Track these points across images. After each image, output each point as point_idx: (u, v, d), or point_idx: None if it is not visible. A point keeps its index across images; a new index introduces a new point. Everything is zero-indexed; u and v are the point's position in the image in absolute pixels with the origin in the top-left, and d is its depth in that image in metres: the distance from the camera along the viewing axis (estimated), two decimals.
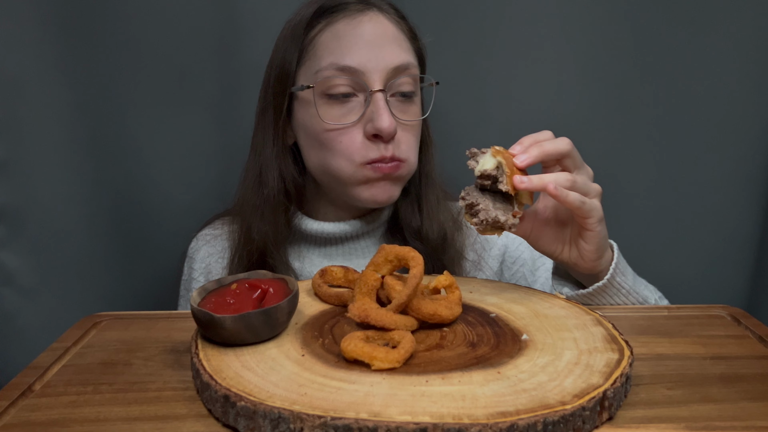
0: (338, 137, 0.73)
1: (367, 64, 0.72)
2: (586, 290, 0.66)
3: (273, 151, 0.78)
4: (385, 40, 0.73)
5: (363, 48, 0.72)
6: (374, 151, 0.73)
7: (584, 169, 0.63)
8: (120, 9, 0.90)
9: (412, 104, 0.77)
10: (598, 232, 0.63)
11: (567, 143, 0.61)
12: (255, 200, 0.78)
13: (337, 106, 0.73)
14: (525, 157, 0.59)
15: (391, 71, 0.73)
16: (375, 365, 0.45)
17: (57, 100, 0.89)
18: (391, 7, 0.77)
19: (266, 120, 0.78)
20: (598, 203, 0.62)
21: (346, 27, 0.73)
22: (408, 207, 0.81)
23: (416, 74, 0.76)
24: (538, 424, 0.38)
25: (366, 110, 0.73)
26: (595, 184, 0.63)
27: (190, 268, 0.86)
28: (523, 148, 0.60)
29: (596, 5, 0.93)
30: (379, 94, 0.72)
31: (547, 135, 0.62)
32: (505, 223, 0.57)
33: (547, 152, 0.60)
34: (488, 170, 0.57)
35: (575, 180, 0.60)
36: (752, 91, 0.95)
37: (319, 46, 0.74)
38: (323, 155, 0.75)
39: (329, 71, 0.72)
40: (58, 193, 0.91)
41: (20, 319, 0.91)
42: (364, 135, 0.73)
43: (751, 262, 1.02)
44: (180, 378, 0.49)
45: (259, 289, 0.52)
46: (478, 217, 0.57)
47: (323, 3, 0.75)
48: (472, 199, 0.58)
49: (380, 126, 0.71)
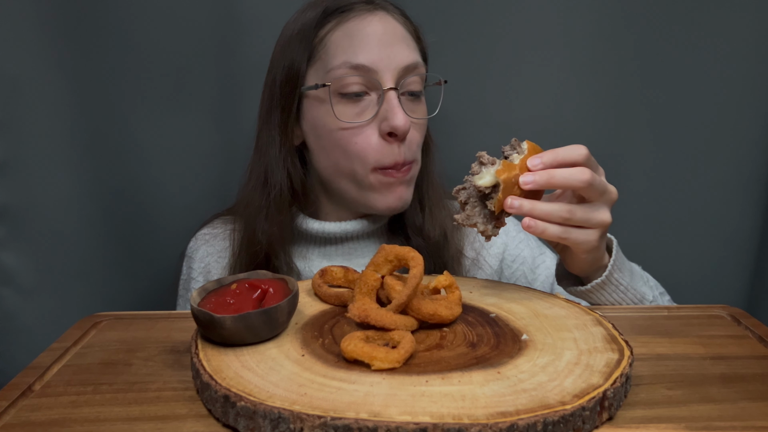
0: (352, 137, 0.73)
1: (380, 63, 0.72)
2: (585, 287, 0.67)
3: (280, 152, 0.77)
4: (395, 39, 0.74)
5: (375, 47, 0.72)
6: (388, 156, 0.73)
7: (605, 196, 0.60)
8: (120, 9, 0.90)
9: (420, 103, 0.77)
10: (584, 259, 0.63)
11: (583, 180, 0.57)
12: (260, 201, 0.78)
13: (350, 105, 0.73)
14: (531, 181, 0.57)
15: (402, 70, 0.73)
16: (375, 365, 0.45)
17: (57, 100, 0.89)
18: (396, 8, 0.77)
19: (272, 121, 0.78)
20: (592, 236, 0.60)
21: (357, 26, 0.73)
22: (411, 205, 0.81)
23: (424, 73, 0.76)
24: (538, 424, 0.38)
25: (380, 109, 0.73)
26: (601, 216, 0.60)
27: (189, 267, 0.86)
28: (536, 167, 0.57)
29: (598, 6, 0.93)
30: (392, 92, 0.72)
31: (574, 156, 0.58)
32: (484, 233, 0.58)
33: (554, 184, 0.57)
34: (482, 187, 0.57)
35: (572, 216, 0.58)
36: (752, 91, 0.95)
37: (330, 44, 0.73)
38: (335, 156, 0.75)
39: (342, 69, 0.72)
40: (58, 193, 0.91)
41: (20, 319, 0.91)
42: (379, 135, 0.73)
43: (751, 262, 1.02)
44: (180, 378, 0.49)
45: (259, 289, 0.52)
46: (461, 216, 0.59)
47: (330, 3, 0.75)
48: (463, 198, 0.58)
49: (396, 124, 0.71)
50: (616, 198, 0.61)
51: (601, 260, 0.65)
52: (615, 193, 0.61)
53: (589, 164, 0.59)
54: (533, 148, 0.59)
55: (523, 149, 0.59)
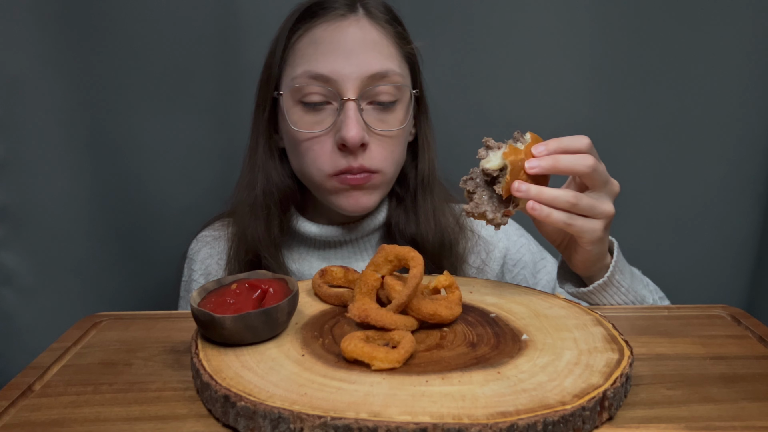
0: (310, 146, 0.73)
1: (341, 72, 0.70)
2: (587, 288, 0.67)
3: (264, 154, 0.78)
4: (364, 46, 0.72)
5: (339, 55, 0.71)
6: (342, 161, 0.72)
7: (608, 186, 0.61)
8: (120, 9, 0.90)
9: (392, 113, 0.74)
10: (589, 251, 0.62)
11: (587, 165, 0.58)
12: (248, 201, 0.78)
13: (310, 114, 0.73)
14: (536, 166, 0.57)
15: (366, 79, 0.71)
16: (375, 365, 0.45)
17: (57, 100, 0.90)
18: (382, 10, 0.75)
19: (258, 123, 0.79)
20: (597, 225, 0.60)
21: (323, 33, 0.72)
22: (401, 214, 0.80)
23: (398, 81, 0.73)
24: (538, 424, 0.38)
25: (337, 119, 0.72)
26: (606, 206, 0.60)
27: (190, 269, 0.86)
28: (541, 153, 0.58)
29: (598, 6, 0.93)
30: (350, 103, 0.70)
31: (577, 144, 0.59)
32: (493, 221, 0.59)
33: (559, 168, 0.58)
34: (490, 169, 0.58)
35: (578, 202, 0.58)
36: (752, 91, 0.95)
37: (297, 51, 0.73)
38: (300, 161, 0.75)
39: (303, 79, 0.71)
40: (58, 193, 0.91)
41: (20, 319, 0.91)
42: (333, 144, 0.72)
43: (751, 262, 1.02)
44: (180, 378, 0.49)
45: (259, 289, 0.52)
46: (469, 206, 0.59)
47: (307, 6, 0.74)
48: (470, 187, 0.59)
49: (345, 136, 0.70)
50: (618, 191, 0.62)
51: (603, 258, 0.65)
52: (617, 186, 0.62)
53: (592, 153, 0.60)
54: (535, 138, 0.60)
55: (526, 139, 0.60)
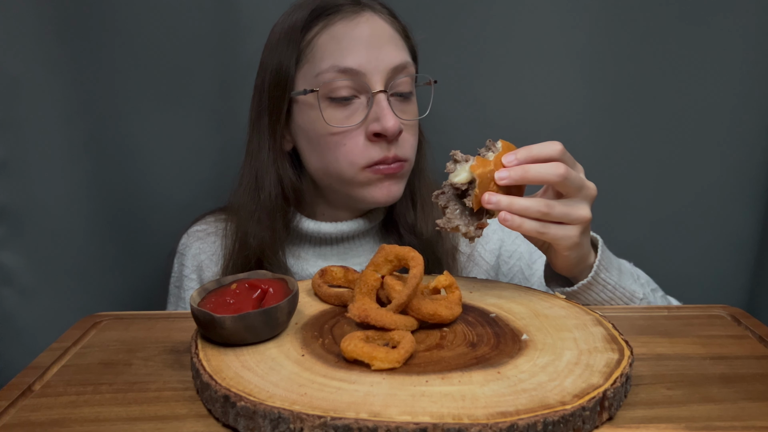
0: (341, 140, 0.73)
1: (368, 65, 0.72)
2: (572, 288, 0.66)
3: (270, 156, 0.78)
4: (382, 40, 0.73)
5: (362, 49, 0.72)
6: (377, 152, 0.73)
7: (583, 191, 0.60)
8: (120, 9, 0.90)
9: (411, 103, 0.77)
10: (567, 257, 0.62)
11: (557, 173, 0.57)
12: (251, 205, 0.78)
13: (340, 109, 0.73)
14: (506, 177, 0.57)
15: (390, 71, 0.73)
16: (375, 365, 0.45)
17: (57, 100, 0.90)
18: (383, 7, 0.77)
19: (262, 125, 0.78)
20: (573, 231, 0.60)
21: (344, 28, 0.73)
22: (403, 203, 0.81)
23: (413, 73, 0.76)
24: (538, 424, 0.38)
25: (369, 112, 0.73)
26: (581, 212, 0.60)
27: (181, 264, 0.85)
28: (511, 163, 0.58)
29: (593, 5, 0.93)
30: (381, 94, 0.72)
31: (548, 152, 0.58)
32: (467, 234, 0.59)
33: (528, 179, 0.57)
34: (458, 183, 0.58)
35: (550, 211, 0.58)
36: (752, 91, 0.95)
37: (317, 48, 0.73)
38: (325, 158, 0.75)
39: (330, 74, 0.72)
40: (58, 193, 0.91)
41: (20, 319, 0.91)
42: (365, 136, 0.73)
43: (751, 262, 1.02)
44: (180, 378, 0.49)
45: (259, 289, 0.52)
46: (442, 221, 0.59)
47: (318, 4, 0.74)
48: (442, 202, 0.59)
49: (386, 126, 0.71)
50: (595, 194, 0.61)
51: (586, 259, 0.65)
52: (594, 189, 0.61)
53: (564, 160, 0.59)
54: (507, 146, 0.60)
55: (497, 148, 0.60)
